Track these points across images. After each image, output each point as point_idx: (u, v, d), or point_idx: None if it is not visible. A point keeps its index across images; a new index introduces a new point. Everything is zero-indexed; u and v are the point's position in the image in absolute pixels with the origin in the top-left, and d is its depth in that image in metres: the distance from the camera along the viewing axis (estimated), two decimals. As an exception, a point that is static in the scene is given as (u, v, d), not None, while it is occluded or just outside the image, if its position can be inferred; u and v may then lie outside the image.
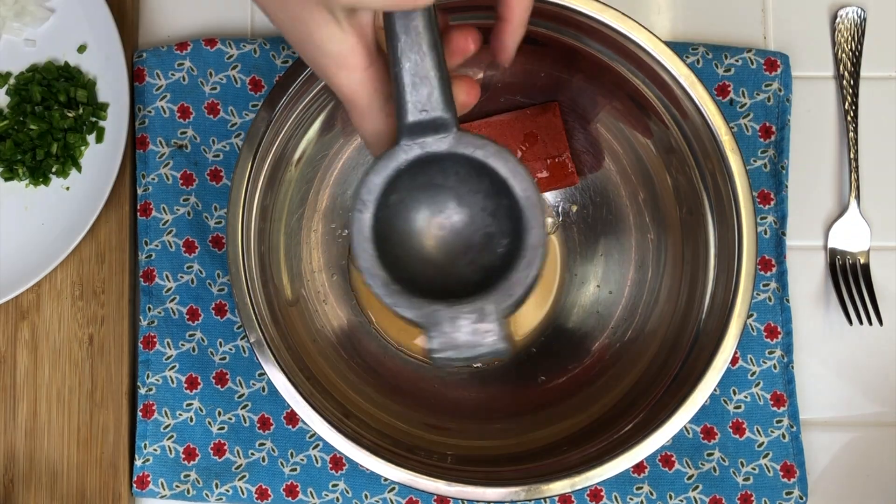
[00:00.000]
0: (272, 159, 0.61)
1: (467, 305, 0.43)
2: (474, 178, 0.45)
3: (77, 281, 0.71)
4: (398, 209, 0.46)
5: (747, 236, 0.58)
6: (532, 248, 0.44)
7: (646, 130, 0.65)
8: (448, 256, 0.46)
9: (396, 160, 0.44)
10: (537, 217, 0.44)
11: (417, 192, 0.46)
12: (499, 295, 0.44)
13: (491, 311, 0.43)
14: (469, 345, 0.43)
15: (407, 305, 0.44)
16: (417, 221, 0.46)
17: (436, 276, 0.46)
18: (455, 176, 0.45)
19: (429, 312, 0.44)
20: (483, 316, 0.43)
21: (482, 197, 0.45)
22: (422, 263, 0.46)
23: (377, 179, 0.44)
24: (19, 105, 0.71)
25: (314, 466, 0.70)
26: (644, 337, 0.66)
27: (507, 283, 0.44)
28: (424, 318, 0.44)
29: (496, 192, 0.45)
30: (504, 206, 0.45)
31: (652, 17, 0.75)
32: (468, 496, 0.58)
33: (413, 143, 0.43)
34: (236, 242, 0.59)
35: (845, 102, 0.74)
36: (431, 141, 0.43)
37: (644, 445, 0.57)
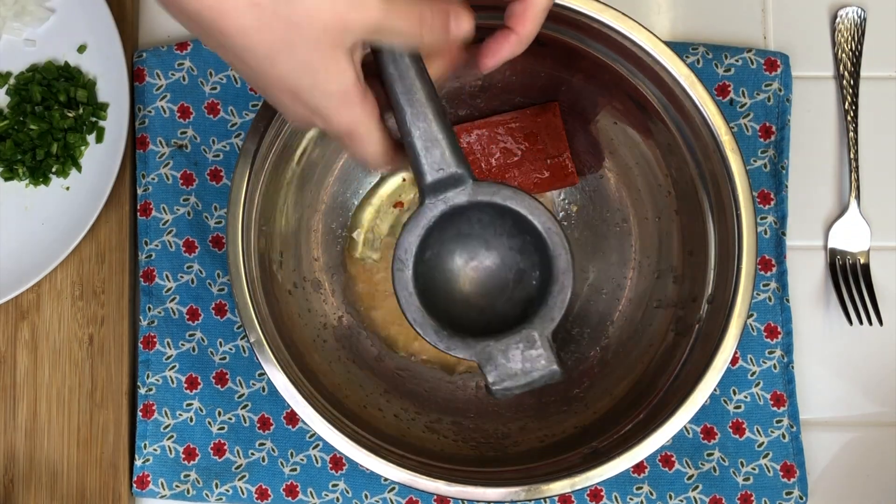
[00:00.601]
0: (272, 159, 0.61)
1: (515, 336, 0.48)
2: (497, 221, 0.49)
3: (77, 281, 0.71)
4: (435, 263, 0.50)
5: (747, 236, 0.58)
6: (562, 273, 0.48)
7: (646, 130, 0.65)
8: (487, 297, 0.51)
9: (425, 218, 0.48)
10: (561, 245, 0.48)
11: (449, 244, 0.50)
12: (541, 321, 0.48)
13: (536, 338, 0.48)
14: (523, 372, 0.48)
15: (461, 347, 0.48)
16: (454, 270, 0.51)
17: (479, 317, 0.51)
18: (479, 223, 0.50)
19: (481, 349, 0.48)
20: (531, 343, 0.48)
21: (507, 237, 0.50)
22: (465, 307, 0.51)
23: (411, 238, 0.48)
24: (19, 105, 0.71)
25: (314, 466, 0.70)
26: (644, 337, 0.66)
27: (545, 308, 0.48)
28: (478, 355, 0.48)
29: (519, 231, 0.49)
30: (528, 241, 0.49)
31: (652, 17, 0.75)
32: (468, 496, 0.58)
33: (436, 200, 0.47)
34: (236, 242, 0.59)
35: (845, 102, 0.74)
36: (452, 195, 0.47)
37: (644, 445, 0.57)
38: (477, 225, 0.49)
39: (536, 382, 0.48)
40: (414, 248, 0.48)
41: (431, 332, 0.48)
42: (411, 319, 0.48)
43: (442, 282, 0.50)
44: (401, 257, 0.48)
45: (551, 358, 0.48)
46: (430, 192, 0.47)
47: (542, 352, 0.48)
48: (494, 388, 0.48)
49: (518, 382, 0.48)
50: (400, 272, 0.48)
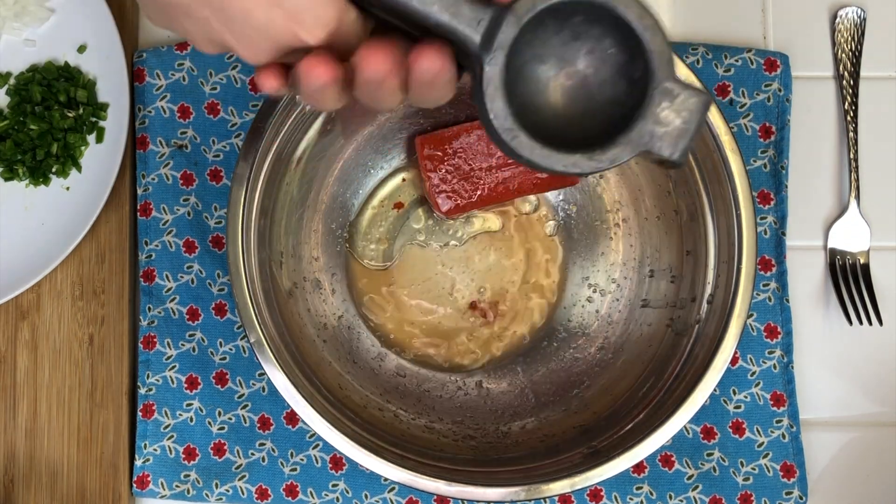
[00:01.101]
0: (272, 159, 0.61)
1: (653, 100, 0.44)
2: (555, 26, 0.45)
3: (77, 281, 0.71)
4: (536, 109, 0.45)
5: (747, 236, 0.58)
6: (640, 17, 0.44)
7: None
8: (592, 101, 0.46)
9: (496, 76, 0.43)
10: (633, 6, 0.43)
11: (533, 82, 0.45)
12: (660, 70, 0.44)
13: (669, 86, 0.44)
14: (686, 121, 0.44)
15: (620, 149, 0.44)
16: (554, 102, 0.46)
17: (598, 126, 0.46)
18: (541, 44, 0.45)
19: (637, 135, 0.44)
20: (671, 95, 0.44)
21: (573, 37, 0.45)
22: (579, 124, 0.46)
23: (498, 103, 0.43)
24: (19, 105, 0.71)
25: (314, 466, 0.70)
26: (644, 337, 0.66)
27: (654, 58, 0.44)
28: (640, 142, 0.44)
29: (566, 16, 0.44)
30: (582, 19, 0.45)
31: (652, 17, 0.75)
32: (468, 496, 0.58)
33: (494, 53, 0.43)
34: (236, 242, 0.59)
35: (845, 102, 0.74)
36: (502, 35, 0.43)
37: (644, 445, 0.57)
38: (527, 47, 0.45)
39: (701, 120, 0.44)
40: (508, 109, 0.43)
41: (586, 162, 0.43)
42: (562, 168, 0.43)
43: (547, 118, 0.45)
44: (506, 127, 0.43)
45: (694, 91, 0.43)
46: (484, 49, 0.43)
47: (684, 93, 0.43)
48: (676, 156, 0.44)
49: (689, 134, 0.44)
50: (516, 139, 0.43)
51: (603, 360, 0.68)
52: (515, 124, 0.43)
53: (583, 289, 0.71)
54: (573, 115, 0.46)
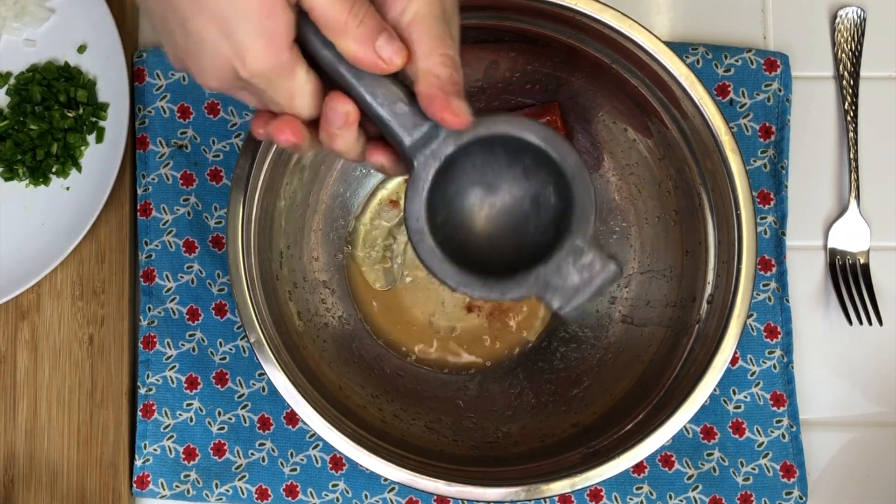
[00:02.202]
0: (272, 159, 0.61)
1: (560, 252, 0.46)
2: (492, 156, 0.47)
3: (77, 281, 0.71)
4: (451, 222, 0.47)
5: (747, 236, 0.58)
6: (576, 173, 0.45)
7: (646, 130, 0.65)
8: (516, 232, 0.48)
9: (422, 179, 0.45)
10: (563, 147, 0.45)
11: (457, 200, 0.48)
12: (577, 227, 0.45)
13: (581, 244, 0.45)
14: (584, 283, 0.45)
15: (514, 287, 0.46)
16: (473, 222, 0.48)
17: (516, 255, 0.48)
18: (475, 167, 0.47)
19: (534, 280, 0.45)
20: (579, 252, 0.45)
21: (508, 168, 0.47)
22: (497, 250, 0.48)
23: (416, 204, 0.45)
24: (19, 105, 0.71)
25: (314, 466, 0.70)
26: (644, 337, 0.66)
27: (577, 213, 0.46)
28: (535, 287, 0.46)
29: (516, 154, 0.46)
30: (529, 162, 0.46)
31: (652, 17, 0.75)
32: (468, 496, 0.58)
33: (426, 158, 0.45)
34: (236, 242, 0.59)
35: (845, 102, 0.74)
36: (437, 147, 0.45)
37: (644, 445, 0.57)
38: (474, 170, 0.47)
39: (602, 287, 0.46)
40: (424, 213, 0.45)
41: (480, 287, 0.46)
42: (453, 284, 0.46)
43: (466, 237, 0.48)
44: (414, 227, 0.45)
45: (604, 258, 0.45)
46: (416, 152, 0.45)
47: (593, 255, 0.45)
48: (564, 311, 0.46)
49: (584, 296, 0.45)
50: (420, 242, 0.46)
51: (603, 360, 0.68)
52: (426, 228, 0.45)
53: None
54: (500, 242, 0.48)
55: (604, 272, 0.45)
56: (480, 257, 0.47)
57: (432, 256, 0.46)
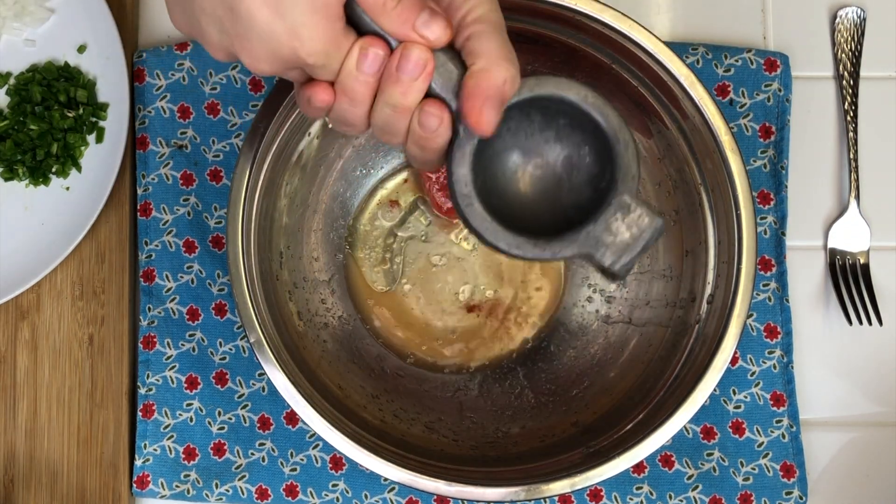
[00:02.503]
0: (272, 159, 0.61)
1: (609, 209, 0.46)
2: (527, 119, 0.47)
3: (77, 281, 0.71)
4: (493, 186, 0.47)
5: (747, 236, 0.58)
6: (618, 130, 0.46)
7: (646, 130, 0.65)
8: (550, 195, 0.48)
9: (468, 144, 0.45)
10: (603, 105, 0.45)
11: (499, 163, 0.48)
12: (623, 184, 0.46)
13: (629, 201, 0.46)
14: (634, 238, 0.46)
15: (565, 246, 0.46)
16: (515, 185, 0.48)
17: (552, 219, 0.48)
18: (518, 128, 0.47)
19: (584, 239, 0.46)
20: (627, 208, 0.46)
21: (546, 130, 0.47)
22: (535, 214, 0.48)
23: (463, 169, 0.45)
24: (19, 105, 0.71)
25: (314, 466, 0.70)
26: (644, 337, 0.66)
27: (622, 171, 0.46)
28: (586, 244, 0.46)
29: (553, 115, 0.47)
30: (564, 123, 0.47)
31: (652, 17, 0.75)
32: (468, 496, 0.58)
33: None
34: (236, 242, 0.59)
35: (845, 102, 0.74)
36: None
37: (644, 445, 0.57)
38: (508, 134, 0.47)
39: (650, 241, 0.46)
40: (470, 178, 0.45)
41: (530, 248, 0.46)
42: (505, 246, 0.46)
43: (503, 203, 0.48)
44: (463, 192, 0.45)
45: (651, 213, 0.46)
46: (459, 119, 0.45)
47: (641, 210, 0.45)
48: (616, 267, 0.46)
49: (634, 251, 0.46)
50: (469, 207, 0.45)
51: (603, 360, 0.68)
52: (473, 192, 0.46)
53: (583, 289, 0.71)
54: (535, 206, 0.48)
55: (652, 227, 0.46)
56: (519, 221, 0.47)
57: (483, 221, 0.46)
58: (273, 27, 0.42)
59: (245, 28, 0.42)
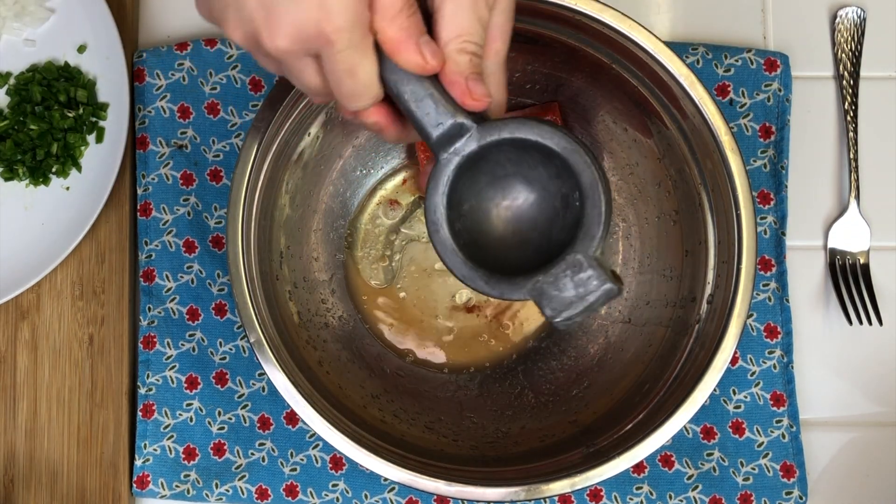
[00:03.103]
0: (272, 159, 0.61)
1: (560, 265, 0.47)
2: (520, 155, 0.48)
3: (77, 281, 0.71)
4: (474, 214, 0.49)
5: (747, 236, 0.58)
6: (590, 188, 0.46)
7: (645, 130, 0.65)
8: (534, 232, 0.49)
9: (443, 174, 0.47)
10: (582, 160, 0.46)
11: (482, 192, 0.49)
12: (582, 243, 0.47)
13: (581, 259, 0.46)
14: (578, 297, 0.46)
15: (513, 289, 0.47)
16: (492, 217, 0.50)
17: (533, 255, 0.49)
18: (501, 163, 0.48)
19: (531, 287, 0.47)
20: (577, 267, 0.46)
21: (533, 168, 0.49)
22: (513, 248, 0.50)
23: (436, 197, 0.47)
24: (19, 105, 0.71)
25: (314, 466, 0.70)
26: (644, 337, 0.66)
27: (583, 229, 0.47)
28: (531, 292, 0.47)
29: (544, 158, 0.48)
30: (560, 164, 0.47)
31: (652, 17, 0.75)
32: (468, 496, 0.58)
33: (448, 154, 0.47)
34: (236, 242, 0.59)
35: (845, 102, 0.74)
36: (461, 145, 0.47)
37: (644, 445, 0.57)
38: (501, 166, 0.48)
39: (595, 304, 0.47)
40: (442, 206, 0.47)
41: (483, 284, 0.48)
42: (460, 276, 0.48)
43: (485, 231, 0.49)
44: (432, 219, 0.47)
45: (602, 277, 0.46)
46: (440, 148, 0.47)
47: (592, 272, 0.46)
48: (555, 321, 0.47)
49: (576, 310, 0.47)
50: (436, 233, 0.48)
51: (603, 359, 0.68)
52: (442, 220, 0.47)
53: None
54: (511, 242, 0.50)
55: (599, 290, 0.46)
56: (493, 254, 0.49)
57: (445, 247, 0.48)
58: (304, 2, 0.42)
59: (274, 4, 0.42)
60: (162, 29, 0.74)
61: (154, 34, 0.74)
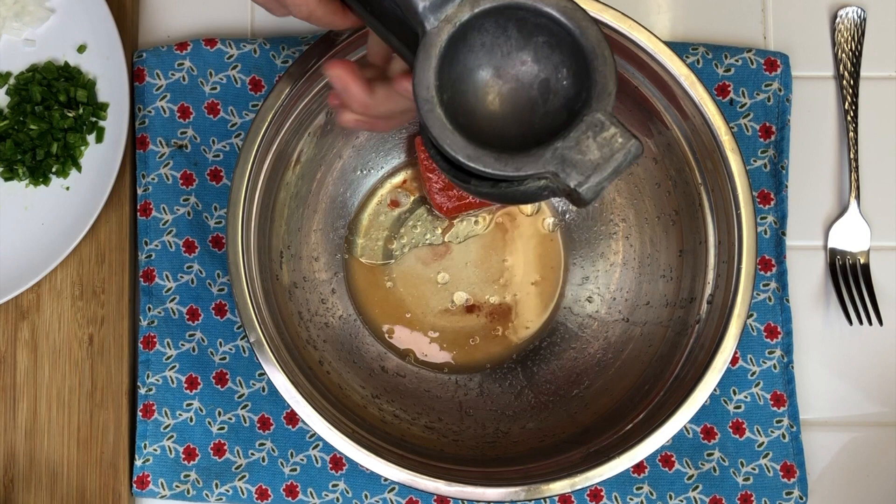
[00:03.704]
0: (272, 159, 0.61)
1: (580, 126, 0.42)
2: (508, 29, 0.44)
3: (77, 281, 0.71)
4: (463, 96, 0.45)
5: (747, 236, 0.58)
6: (597, 45, 0.43)
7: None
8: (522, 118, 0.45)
9: (434, 46, 0.43)
10: (584, 18, 0.43)
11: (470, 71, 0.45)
12: (598, 101, 0.43)
13: (602, 119, 0.43)
14: (604, 158, 0.42)
15: (530, 161, 0.43)
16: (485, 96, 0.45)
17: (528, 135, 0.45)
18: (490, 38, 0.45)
19: (551, 156, 0.42)
20: (599, 126, 0.42)
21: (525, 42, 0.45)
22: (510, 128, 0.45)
23: (427, 73, 0.43)
24: (19, 105, 0.71)
25: (314, 466, 0.70)
26: (644, 337, 0.66)
27: (598, 88, 0.43)
28: (551, 162, 0.42)
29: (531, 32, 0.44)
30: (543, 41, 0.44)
31: (652, 17, 0.75)
32: (468, 496, 0.58)
33: (440, 23, 0.43)
34: (236, 242, 0.59)
35: (845, 102, 0.74)
36: (453, 10, 0.43)
37: (644, 445, 0.57)
38: (482, 50, 0.44)
39: (623, 164, 0.42)
40: (433, 82, 0.42)
41: (492, 161, 0.42)
42: (463, 157, 0.42)
43: (472, 119, 0.44)
44: (424, 96, 0.42)
45: (626, 133, 0.42)
46: (430, 13, 0.42)
47: (615, 129, 0.42)
48: (583, 189, 0.42)
49: (605, 172, 0.42)
50: (430, 112, 0.43)
51: (603, 360, 0.68)
52: (435, 98, 0.43)
53: (583, 289, 0.71)
54: (505, 129, 0.45)
55: (625, 148, 0.42)
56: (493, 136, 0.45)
57: (443, 129, 0.43)
58: None
59: None
60: (162, 29, 0.74)
61: (154, 34, 0.74)
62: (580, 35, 0.43)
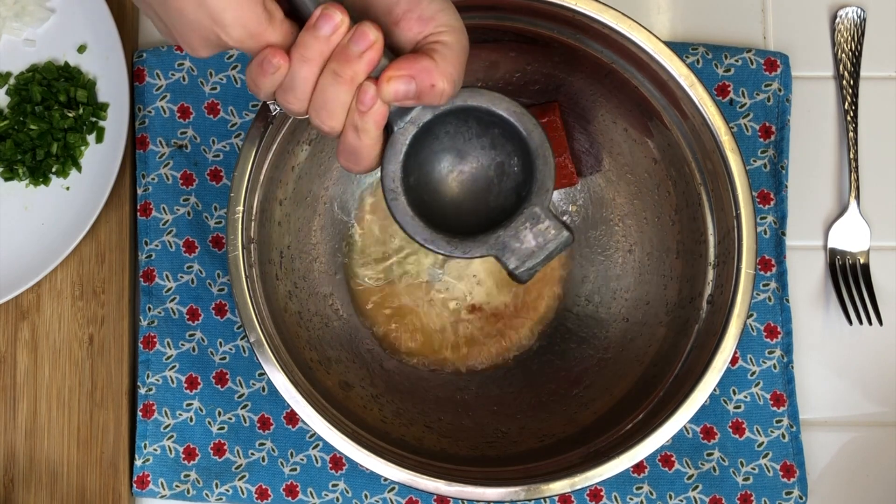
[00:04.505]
0: (272, 159, 0.61)
1: (519, 218, 0.50)
2: (464, 126, 0.51)
3: (77, 281, 0.71)
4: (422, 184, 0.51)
5: (747, 236, 0.58)
6: (539, 146, 0.49)
7: (646, 130, 0.65)
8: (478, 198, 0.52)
9: (400, 143, 0.48)
10: (530, 122, 0.49)
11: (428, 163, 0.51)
12: (537, 196, 0.50)
13: (539, 212, 0.50)
14: (539, 247, 0.50)
15: (475, 246, 0.50)
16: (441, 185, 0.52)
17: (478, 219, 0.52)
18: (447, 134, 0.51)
19: (493, 242, 0.50)
20: (536, 219, 0.50)
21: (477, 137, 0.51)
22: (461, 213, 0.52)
23: (393, 166, 0.49)
24: (19, 105, 0.71)
25: (314, 466, 0.70)
26: (644, 337, 0.66)
27: (537, 183, 0.50)
28: (494, 248, 0.50)
29: (487, 126, 0.50)
30: (498, 133, 0.50)
31: (652, 17, 0.75)
32: (468, 496, 0.58)
33: (405, 124, 0.48)
34: (236, 242, 0.59)
35: (845, 102, 0.74)
36: (416, 114, 0.48)
37: (644, 445, 0.57)
38: (447, 137, 0.51)
39: (554, 252, 0.50)
40: (399, 174, 0.49)
41: (444, 245, 0.50)
42: (421, 240, 0.50)
43: (434, 199, 0.52)
44: (390, 187, 0.49)
45: (559, 226, 0.50)
46: (396, 118, 0.48)
47: (549, 223, 0.50)
48: (518, 271, 0.50)
49: (538, 259, 0.50)
50: (395, 201, 0.49)
51: (603, 360, 0.68)
52: (400, 188, 0.49)
53: (583, 289, 0.71)
54: (463, 206, 0.52)
55: (557, 238, 0.50)
56: (447, 219, 0.51)
57: (404, 214, 0.49)
58: (198, 16, 0.44)
59: (178, 21, 0.45)
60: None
61: (154, 34, 0.74)
62: (526, 136, 0.49)
